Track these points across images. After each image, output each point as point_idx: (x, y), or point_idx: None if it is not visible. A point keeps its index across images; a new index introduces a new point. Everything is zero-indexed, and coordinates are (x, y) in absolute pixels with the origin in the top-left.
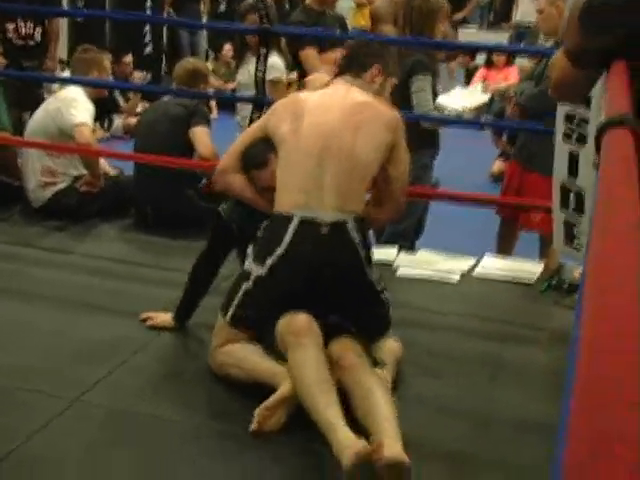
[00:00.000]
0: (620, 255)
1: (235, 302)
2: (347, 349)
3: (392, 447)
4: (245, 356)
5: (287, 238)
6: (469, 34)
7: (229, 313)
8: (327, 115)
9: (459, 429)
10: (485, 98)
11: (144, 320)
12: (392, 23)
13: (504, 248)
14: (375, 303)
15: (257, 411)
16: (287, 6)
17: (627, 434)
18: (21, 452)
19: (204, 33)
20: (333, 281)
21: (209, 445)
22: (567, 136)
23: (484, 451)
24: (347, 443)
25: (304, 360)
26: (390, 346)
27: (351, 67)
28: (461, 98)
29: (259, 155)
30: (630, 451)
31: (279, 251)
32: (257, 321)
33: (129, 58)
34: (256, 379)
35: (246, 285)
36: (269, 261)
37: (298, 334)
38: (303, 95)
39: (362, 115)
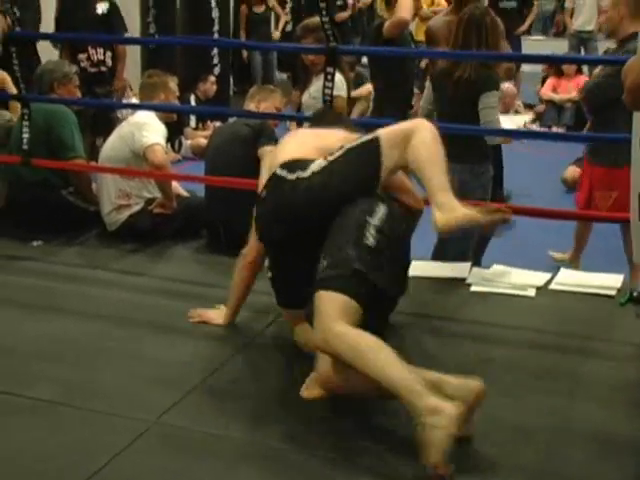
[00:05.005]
0: None
1: None
2: None
3: None
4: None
5: None
6: (534, 44)
7: None
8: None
9: (536, 446)
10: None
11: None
12: (445, 44)
13: (579, 238)
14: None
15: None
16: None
17: None
18: (105, 473)
19: (275, 53)
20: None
21: (290, 469)
22: None
23: (562, 469)
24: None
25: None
26: None
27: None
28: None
29: None
30: None
31: None
32: None
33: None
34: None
35: None
36: None
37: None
38: None
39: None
